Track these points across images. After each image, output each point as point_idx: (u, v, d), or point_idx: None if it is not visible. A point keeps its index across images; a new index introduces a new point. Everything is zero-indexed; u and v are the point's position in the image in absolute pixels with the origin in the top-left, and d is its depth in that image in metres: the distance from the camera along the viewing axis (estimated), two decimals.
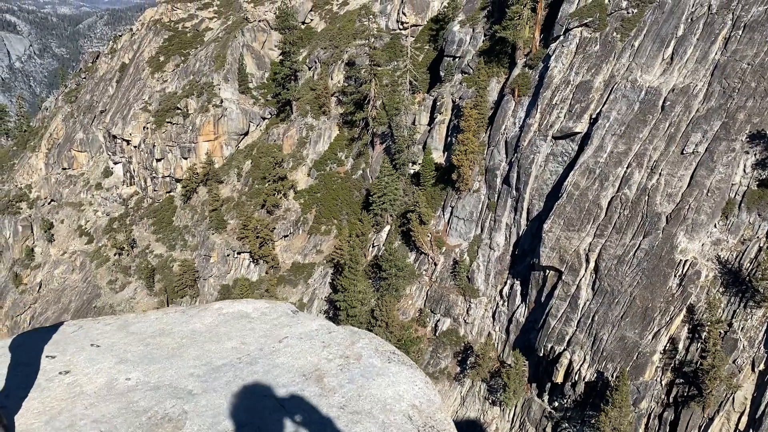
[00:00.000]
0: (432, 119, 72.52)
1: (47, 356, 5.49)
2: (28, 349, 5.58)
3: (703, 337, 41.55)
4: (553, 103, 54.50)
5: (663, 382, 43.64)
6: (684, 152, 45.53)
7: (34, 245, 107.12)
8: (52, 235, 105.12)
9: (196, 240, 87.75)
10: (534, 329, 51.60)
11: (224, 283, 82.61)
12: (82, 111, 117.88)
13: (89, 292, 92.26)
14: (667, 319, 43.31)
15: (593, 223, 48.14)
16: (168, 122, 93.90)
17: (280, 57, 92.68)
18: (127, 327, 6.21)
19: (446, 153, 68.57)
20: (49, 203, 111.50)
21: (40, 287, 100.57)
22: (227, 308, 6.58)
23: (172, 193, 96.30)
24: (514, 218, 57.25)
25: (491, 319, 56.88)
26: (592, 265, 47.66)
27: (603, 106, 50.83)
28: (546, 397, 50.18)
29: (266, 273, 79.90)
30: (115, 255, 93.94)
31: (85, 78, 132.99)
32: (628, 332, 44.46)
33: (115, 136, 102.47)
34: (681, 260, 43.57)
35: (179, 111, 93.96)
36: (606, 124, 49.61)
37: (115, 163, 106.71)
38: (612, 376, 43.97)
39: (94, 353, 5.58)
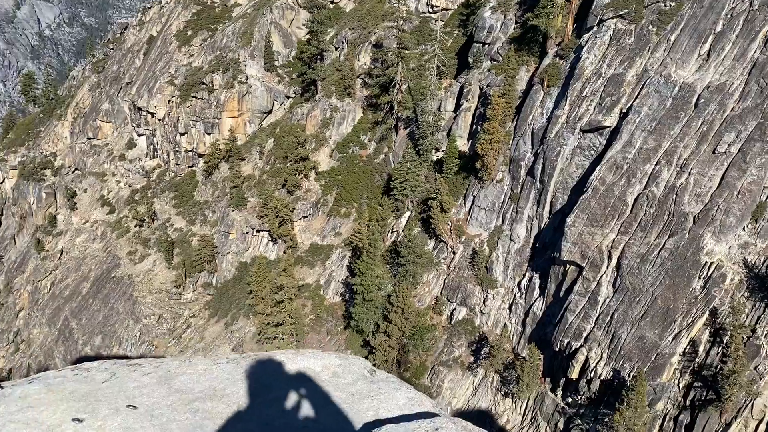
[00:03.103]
0: (458, 106, 71.64)
1: (74, 419, 4.65)
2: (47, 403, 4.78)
3: (724, 342, 40.85)
4: (583, 95, 53.45)
5: (680, 385, 43.07)
6: (716, 152, 44.43)
7: (56, 213, 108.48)
8: (75, 203, 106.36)
9: (216, 216, 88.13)
10: (551, 323, 51.16)
11: (242, 260, 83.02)
12: (109, 81, 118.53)
13: (109, 262, 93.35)
14: (689, 321, 42.60)
15: (618, 220, 47.34)
16: (193, 97, 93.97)
17: (308, 36, 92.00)
18: (170, 380, 5.34)
19: (471, 141, 67.77)
20: (72, 172, 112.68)
21: (61, 254, 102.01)
22: (290, 363, 5.57)
23: (194, 168, 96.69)
24: (536, 210, 56.54)
25: (508, 310, 56.49)
26: (614, 262, 46.97)
27: (634, 101, 49.71)
28: (559, 393, 49.84)
29: (284, 252, 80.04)
30: (135, 226, 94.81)
31: (112, 49, 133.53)
32: (647, 332, 43.85)
33: (140, 108, 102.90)
34: (706, 262, 42.73)
35: (204, 86, 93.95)
36: (636, 119, 48.53)
37: (139, 135, 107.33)
38: (629, 376, 43.46)
39: (132, 419, 4.63)
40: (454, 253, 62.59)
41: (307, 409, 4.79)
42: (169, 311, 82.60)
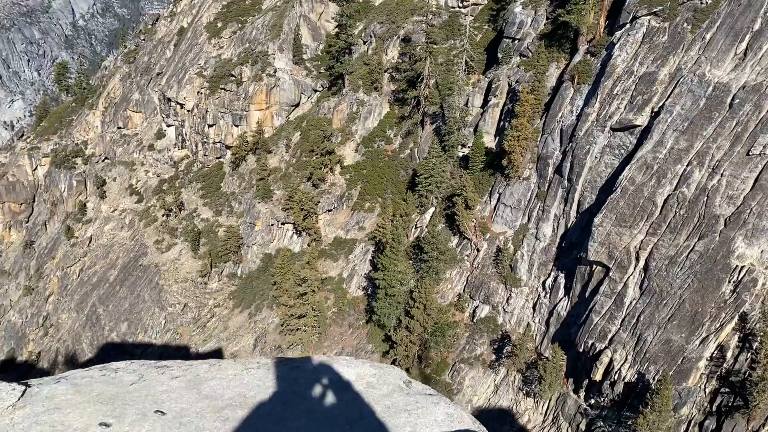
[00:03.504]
0: (486, 102, 71.08)
1: (101, 423, 4.58)
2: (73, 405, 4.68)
3: (754, 348, 39.98)
4: (614, 93, 52.61)
5: (707, 390, 42.30)
6: (750, 153, 43.37)
7: (86, 200, 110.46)
8: (105, 191, 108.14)
9: (242, 207, 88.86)
10: (575, 324, 50.61)
11: (267, 251, 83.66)
12: (140, 72, 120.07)
13: (136, 250, 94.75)
14: (717, 325, 41.77)
15: (646, 221, 46.56)
16: (222, 88, 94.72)
17: (336, 29, 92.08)
18: (199, 385, 5.20)
19: (498, 137, 67.23)
20: (103, 160, 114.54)
21: (90, 241, 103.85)
22: (323, 371, 5.43)
23: (221, 159, 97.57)
24: (563, 209, 55.90)
25: (531, 309, 56.02)
26: (641, 263, 46.25)
27: (666, 100, 48.76)
28: (582, 394, 49.33)
29: (308, 245, 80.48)
30: (163, 216, 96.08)
31: (144, 39, 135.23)
32: (674, 335, 43.13)
33: (169, 99, 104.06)
34: (737, 266, 41.80)
35: (233, 78, 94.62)
36: (668, 118, 47.61)
37: (169, 126, 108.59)
38: (653, 379, 42.84)
39: (159, 426, 4.51)
40: (478, 250, 62.22)
41: (341, 423, 4.58)
42: (194, 300, 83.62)
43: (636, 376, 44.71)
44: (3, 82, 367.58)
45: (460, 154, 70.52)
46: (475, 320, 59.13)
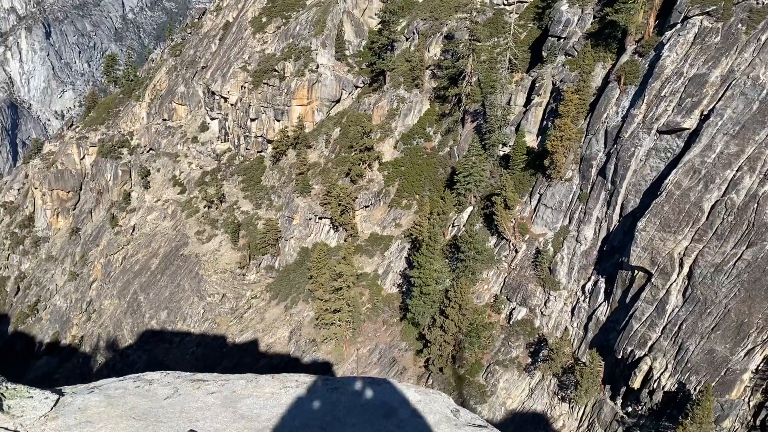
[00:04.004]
0: (528, 101, 70.10)
1: None
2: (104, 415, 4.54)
3: None
4: (662, 94, 51.24)
5: (751, 403, 40.95)
6: None
7: (131, 190, 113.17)
8: (149, 182, 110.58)
9: (281, 201, 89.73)
10: (615, 330, 49.56)
11: (304, 245, 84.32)
12: (185, 65, 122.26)
13: (178, 240, 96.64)
14: (765, 337, 40.36)
15: (692, 227, 45.24)
16: (265, 83, 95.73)
17: (379, 26, 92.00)
18: (236, 403, 5.03)
19: (540, 137, 66.25)
20: (147, 151, 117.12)
21: (133, 230, 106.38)
22: (366, 394, 5.12)
23: (262, 153, 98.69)
24: (605, 212, 54.76)
25: (570, 314, 55.09)
26: (685, 270, 44.98)
27: (717, 103, 47.24)
28: (619, 401, 48.31)
29: (344, 240, 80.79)
30: (204, 207, 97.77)
31: (190, 33, 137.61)
32: (717, 345, 41.84)
33: (213, 93, 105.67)
34: None
35: (276, 73, 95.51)
36: (718, 122, 46.12)
37: (212, 119, 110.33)
38: (694, 389, 41.67)
39: None
40: (517, 251, 61.47)
41: None
42: (232, 291, 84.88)
43: (676, 385, 43.56)
44: (55, 73, 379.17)
45: (501, 153, 69.74)
46: (511, 322, 58.45)
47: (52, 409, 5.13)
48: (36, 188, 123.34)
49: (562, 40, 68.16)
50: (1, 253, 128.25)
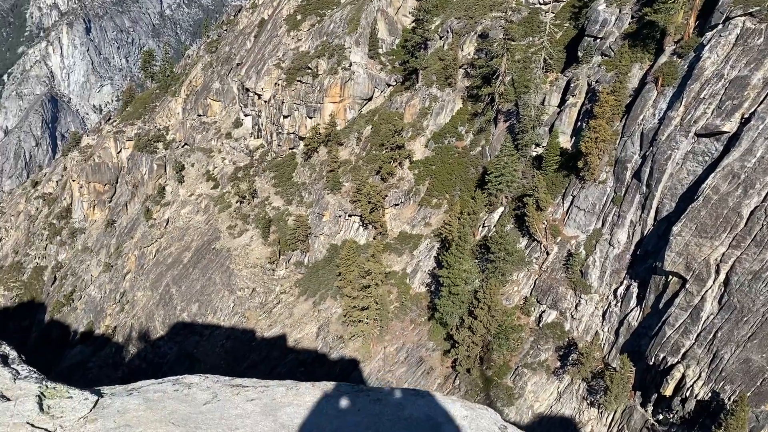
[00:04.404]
0: (563, 101, 69.23)
1: None
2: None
3: None
4: (701, 97, 50.09)
5: None
6: None
7: (165, 184, 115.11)
8: (183, 176, 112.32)
9: (312, 198, 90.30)
10: (647, 336, 48.72)
11: (333, 242, 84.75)
12: (221, 62, 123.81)
13: (210, 234, 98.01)
14: None
15: (729, 233, 44.16)
16: (298, 81, 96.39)
17: (413, 24, 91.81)
18: (276, 411, 4.92)
19: (574, 138, 65.42)
20: (182, 146, 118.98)
21: (167, 223, 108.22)
22: (409, 407, 4.94)
23: (294, 150, 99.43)
24: (640, 216, 53.81)
25: (601, 318, 54.31)
26: (722, 277, 43.95)
27: (759, 106, 45.97)
28: (650, 408, 47.47)
29: (374, 238, 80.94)
30: (236, 202, 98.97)
31: (226, 30, 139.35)
32: (754, 355, 40.82)
33: (248, 89, 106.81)
34: None
35: (309, 71, 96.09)
36: (760, 125, 44.90)
37: (246, 115, 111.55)
38: (729, 399, 40.73)
39: None
40: (548, 253, 60.82)
41: None
42: (262, 285, 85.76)
43: (710, 394, 42.63)
44: (94, 68, 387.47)
45: (534, 154, 69.04)
46: (540, 325, 57.89)
47: (91, 410, 5.16)
48: (74, 180, 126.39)
49: (598, 40, 67.15)
50: (39, 243, 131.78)
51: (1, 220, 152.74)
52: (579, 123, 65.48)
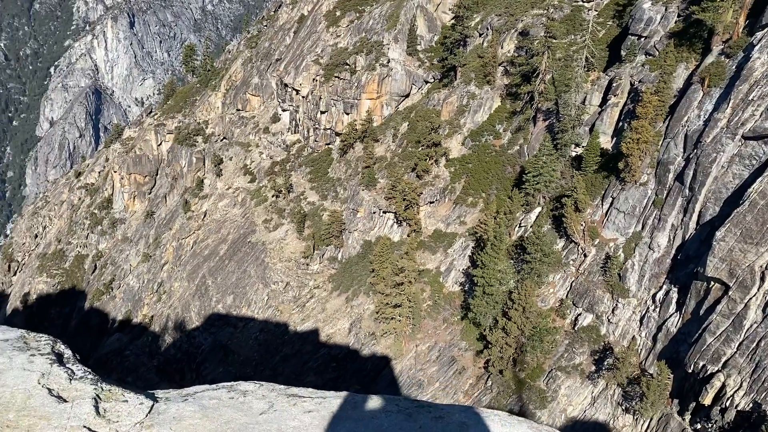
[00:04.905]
0: (604, 101, 67.92)
1: None
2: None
3: None
4: (750, 98, 48.55)
5: None
6: None
7: (204, 177, 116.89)
8: (221, 170, 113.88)
9: (347, 193, 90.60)
10: (686, 342, 47.55)
11: (367, 238, 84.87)
12: (260, 57, 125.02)
13: (246, 227, 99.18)
14: None
15: None
16: (336, 77, 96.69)
17: (452, 21, 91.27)
18: (335, 426, 4.77)
19: (615, 139, 64.15)
20: (221, 140, 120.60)
21: (204, 216, 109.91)
22: (474, 428, 4.74)
23: (330, 146, 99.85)
24: (682, 219, 52.50)
25: (638, 323, 53.20)
26: (767, 284, 42.58)
27: None
28: (687, 417, 46.33)
29: (408, 236, 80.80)
30: (272, 196, 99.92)
31: (266, 25, 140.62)
32: None
33: (286, 85, 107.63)
34: None
35: (347, 67, 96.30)
36: None
37: (284, 110, 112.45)
38: None
39: None
40: (585, 255, 59.83)
41: None
42: (296, 280, 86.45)
43: (751, 405, 41.37)
44: (137, 62, 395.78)
45: (573, 154, 67.95)
46: (576, 328, 57.02)
47: (147, 416, 5.14)
48: (115, 172, 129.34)
49: (642, 39, 65.67)
50: (81, 233, 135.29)
51: (46, 209, 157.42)
52: (620, 123, 64.19)
